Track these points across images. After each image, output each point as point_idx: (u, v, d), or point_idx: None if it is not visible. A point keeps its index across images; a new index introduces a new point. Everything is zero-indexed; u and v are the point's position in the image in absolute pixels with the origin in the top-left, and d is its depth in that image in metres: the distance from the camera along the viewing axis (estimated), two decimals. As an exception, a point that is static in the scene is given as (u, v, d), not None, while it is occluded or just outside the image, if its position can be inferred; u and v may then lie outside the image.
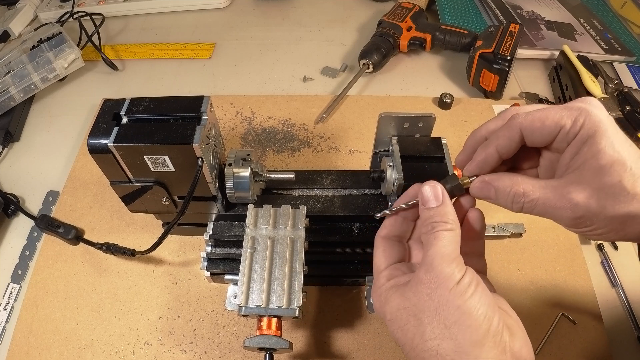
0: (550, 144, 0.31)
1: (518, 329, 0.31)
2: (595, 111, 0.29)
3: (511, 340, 0.29)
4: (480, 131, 0.35)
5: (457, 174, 0.42)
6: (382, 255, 0.35)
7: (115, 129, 0.40)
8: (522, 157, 0.35)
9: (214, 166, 0.44)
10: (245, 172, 0.44)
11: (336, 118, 0.70)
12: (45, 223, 0.56)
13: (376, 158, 0.48)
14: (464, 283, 0.29)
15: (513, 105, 0.68)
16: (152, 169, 0.42)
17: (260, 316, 0.41)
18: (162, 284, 0.53)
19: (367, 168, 0.54)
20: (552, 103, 0.70)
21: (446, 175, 0.41)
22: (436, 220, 0.31)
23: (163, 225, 0.55)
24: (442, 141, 0.44)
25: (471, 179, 0.34)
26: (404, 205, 0.35)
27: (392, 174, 0.42)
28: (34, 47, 0.74)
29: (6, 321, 0.52)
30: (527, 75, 0.77)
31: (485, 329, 0.28)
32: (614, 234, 0.30)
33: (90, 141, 0.40)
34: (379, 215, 0.37)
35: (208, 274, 0.50)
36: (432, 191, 0.33)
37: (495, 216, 0.57)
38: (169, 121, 0.40)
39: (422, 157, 0.43)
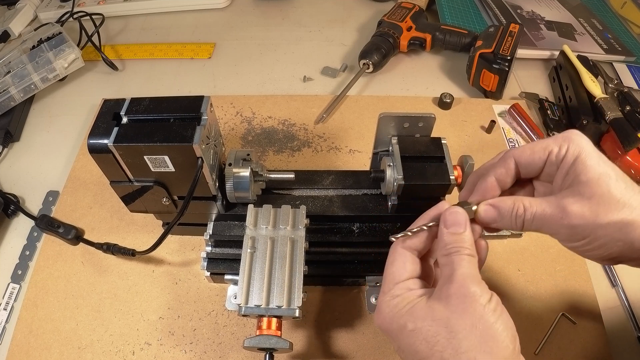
0: (541, 171, 0.35)
1: None
2: (577, 138, 0.33)
3: None
4: (480, 169, 0.38)
5: (457, 174, 0.42)
6: (402, 265, 0.35)
7: (115, 129, 0.40)
8: (518, 192, 0.38)
9: (214, 166, 0.44)
10: (245, 172, 0.44)
11: (336, 118, 0.70)
12: (45, 223, 0.56)
13: (376, 158, 0.48)
14: (494, 303, 0.30)
15: (513, 105, 0.68)
16: (152, 169, 0.42)
17: (260, 316, 0.41)
18: (162, 284, 0.53)
19: (367, 168, 0.54)
20: (552, 103, 0.70)
21: (447, 175, 0.42)
22: (460, 245, 0.33)
23: (163, 225, 0.55)
24: (442, 141, 0.44)
25: (474, 208, 0.35)
26: (424, 227, 0.35)
27: (392, 174, 0.42)
28: (34, 47, 0.74)
29: (6, 321, 0.52)
30: (527, 75, 0.77)
31: (512, 348, 0.29)
32: (612, 244, 0.31)
33: (90, 141, 0.40)
34: (398, 236, 0.35)
35: (208, 274, 0.50)
36: (456, 217, 0.34)
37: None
38: (169, 121, 0.40)
39: (422, 157, 0.43)
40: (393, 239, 0.36)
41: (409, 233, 0.35)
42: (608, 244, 0.32)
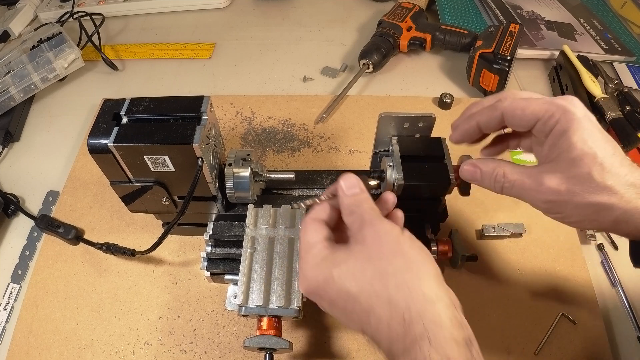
0: (529, 131, 0.35)
1: None
2: (572, 109, 0.32)
3: None
4: (472, 107, 0.38)
5: (457, 174, 0.42)
6: (314, 231, 0.35)
7: (115, 129, 0.40)
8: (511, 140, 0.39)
9: (214, 166, 0.44)
10: (245, 172, 0.44)
11: (336, 118, 0.70)
12: (45, 223, 0.56)
13: (376, 158, 0.48)
14: (407, 233, 0.32)
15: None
16: (152, 169, 0.42)
17: (260, 316, 0.41)
18: (162, 284, 0.53)
19: (367, 168, 0.54)
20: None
21: (447, 175, 0.42)
22: (360, 202, 0.34)
23: (163, 225, 0.55)
24: (442, 141, 0.44)
25: (372, 183, 0.39)
26: (323, 198, 0.36)
27: (392, 174, 0.42)
28: (34, 47, 0.74)
29: (6, 321, 0.52)
30: (527, 75, 0.77)
31: (436, 271, 0.31)
32: (587, 222, 0.33)
33: (90, 141, 0.40)
34: (308, 202, 0.37)
35: (208, 274, 0.50)
36: (350, 181, 0.35)
37: (496, 216, 0.57)
38: (169, 121, 0.40)
39: (422, 157, 0.43)
40: (295, 206, 0.38)
41: (317, 200, 0.36)
42: (583, 221, 0.33)
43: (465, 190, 0.42)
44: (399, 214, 0.37)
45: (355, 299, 0.30)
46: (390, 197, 0.37)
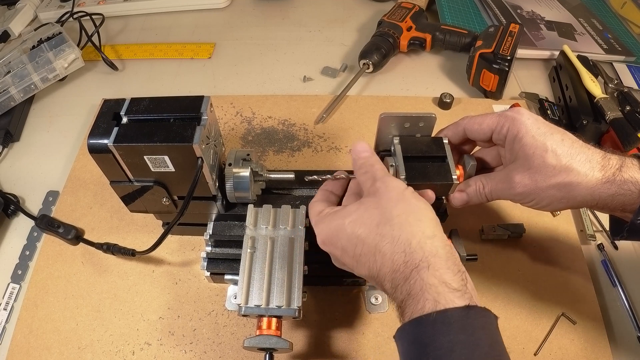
0: (489, 140, 0.42)
1: None
2: (518, 117, 0.39)
3: None
4: (441, 130, 0.46)
5: (459, 173, 0.43)
6: (326, 195, 0.43)
7: (115, 129, 0.40)
8: (488, 157, 0.46)
9: (214, 166, 0.44)
10: (245, 172, 0.44)
11: (336, 118, 0.70)
12: (45, 223, 0.56)
13: (377, 158, 0.48)
14: (410, 189, 0.37)
15: (513, 105, 0.68)
16: (152, 169, 0.42)
17: (260, 316, 0.41)
18: (162, 284, 0.53)
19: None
20: (552, 103, 0.70)
21: (448, 174, 0.42)
22: (371, 163, 0.39)
23: (163, 225, 0.55)
24: (444, 141, 0.44)
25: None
26: (344, 175, 0.43)
27: (395, 174, 0.42)
28: (34, 47, 0.74)
29: (6, 321, 0.52)
30: (527, 75, 0.77)
31: (436, 221, 0.35)
32: (557, 203, 0.38)
33: (90, 141, 0.40)
34: (323, 177, 0.44)
35: (208, 274, 0.50)
36: (362, 146, 0.40)
37: (496, 216, 0.57)
38: (169, 121, 0.40)
39: (425, 157, 0.43)
40: (315, 178, 0.44)
41: (330, 177, 0.43)
42: (553, 202, 0.38)
43: None
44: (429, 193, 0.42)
45: (364, 241, 0.35)
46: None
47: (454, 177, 0.41)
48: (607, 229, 0.55)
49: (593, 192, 0.37)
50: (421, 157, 0.43)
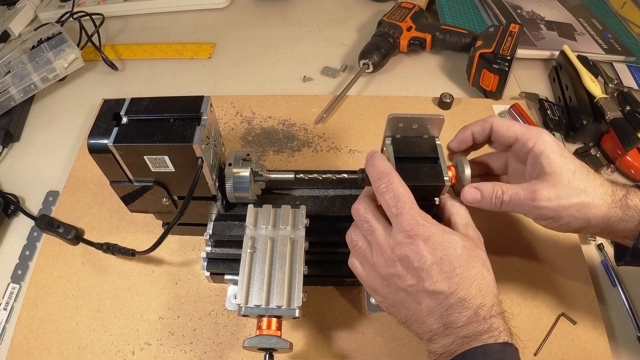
0: (509, 147, 0.44)
1: None
2: (545, 135, 0.41)
3: None
4: (467, 125, 0.46)
5: (451, 174, 0.42)
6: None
7: (115, 129, 0.40)
8: (495, 164, 0.48)
9: (214, 166, 0.44)
10: (245, 172, 0.44)
11: (336, 118, 0.70)
12: (45, 223, 0.56)
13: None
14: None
15: (513, 105, 0.68)
16: (152, 169, 0.42)
17: (260, 316, 0.41)
18: (162, 284, 0.53)
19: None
20: (552, 103, 0.70)
21: (440, 175, 0.41)
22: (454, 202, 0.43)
23: (163, 225, 0.55)
24: (436, 142, 0.43)
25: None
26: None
27: None
28: (34, 47, 0.74)
29: (6, 321, 0.52)
30: (527, 75, 0.77)
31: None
32: (574, 222, 0.40)
33: (90, 141, 0.40)
34: (328, 176, 0.45)
35: (208, 274, 0.50)
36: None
37: (495, 221, 0.57)
38: (169, 121, 0.40)
39: (417, 158, 0.42)
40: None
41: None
42: (570, 222, 0.40)
43: None
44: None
45: (454, 264, 0.37)
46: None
47: (445, 178, 0.41)
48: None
49: (604, 216, 0.39)
50: (413, 158, 0.42)
